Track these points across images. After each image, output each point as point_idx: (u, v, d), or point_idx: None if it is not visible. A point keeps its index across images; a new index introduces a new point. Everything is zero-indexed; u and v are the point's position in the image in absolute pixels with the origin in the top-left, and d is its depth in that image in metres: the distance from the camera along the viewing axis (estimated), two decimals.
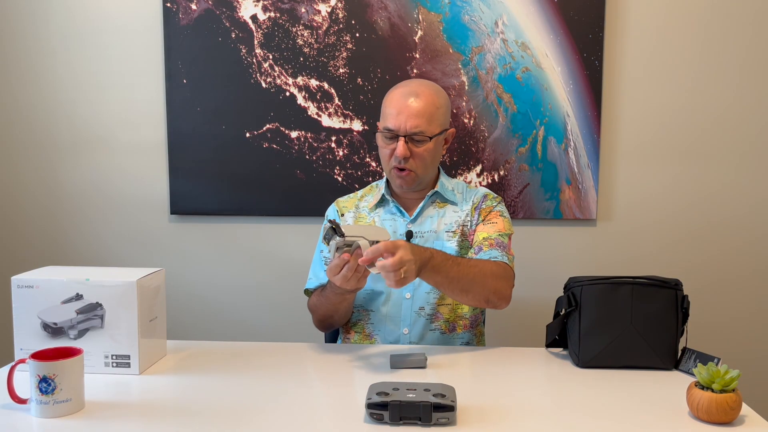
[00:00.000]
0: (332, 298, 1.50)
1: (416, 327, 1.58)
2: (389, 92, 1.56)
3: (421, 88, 1.53)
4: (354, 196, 1.70)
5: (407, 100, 1.51)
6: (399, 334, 1.59)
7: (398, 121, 1.50)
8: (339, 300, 1.50)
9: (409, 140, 1.51)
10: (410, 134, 1.50)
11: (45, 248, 2.26)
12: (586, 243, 2.20)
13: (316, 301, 1.59)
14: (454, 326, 1.60)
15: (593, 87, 2.11)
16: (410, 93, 1.52)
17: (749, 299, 2.21)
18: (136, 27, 2.17)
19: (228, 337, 2.21)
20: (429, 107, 1.51)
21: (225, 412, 1.14)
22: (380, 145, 1.57)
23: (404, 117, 1.49)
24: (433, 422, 1.07)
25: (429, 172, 1.58)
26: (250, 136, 2.17)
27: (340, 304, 1.52)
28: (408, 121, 1.49)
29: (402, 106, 1.50)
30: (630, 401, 1.20)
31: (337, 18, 2.12)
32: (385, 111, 1.55)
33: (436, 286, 1.45)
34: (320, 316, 1.60)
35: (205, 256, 2.25)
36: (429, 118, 1.51)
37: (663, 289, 1.37)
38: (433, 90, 1.55)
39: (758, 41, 2.11)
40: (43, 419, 1.11)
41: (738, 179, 2.16)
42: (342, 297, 1.48)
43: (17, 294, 1.31)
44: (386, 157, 1.55)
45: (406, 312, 1.58)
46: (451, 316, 1.59)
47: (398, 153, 1.50)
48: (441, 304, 1.58)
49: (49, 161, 2.24)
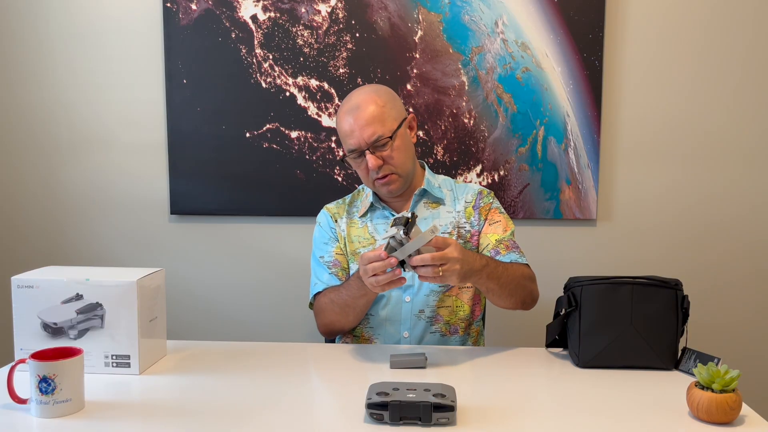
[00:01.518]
0: (354, 290, 1.47)
1: (416, 330, 1.58)
2: (337, 114, 1.58)
3: (359, 98, 1.54)
4: (343, 203, 1.70)
5: (352, 116, 1.52)
6: (399, 337, 1.59)
7: (355, 139, 1.51)
8: (360, 294, 1.46)
9: (374, 149, 1.51)
10: (371, 143, 1.51)
11: (45, 248, 2.26)
12: (586, 243, 2.20)
13: (331, 299, 1.55)
14: (454, 328, 1.60)
15: (593, 87, 2.11)
16: (351, 109, 1.53)
17: (749, 299, 2.20)
18: (136, 27, 2.17)
19: (228, 337, 2.21)
20: (374, 110, 1.51)
21: (225, 412, 1.14)
22: (354, 168, 1.59)
23: (358, 132, 1.51)
24: (433, 422, 1.07)
25: (410, 166, 1.58)
26: (250, 136, 2.17)
27: (360, 299, 1.48)
28: (363, 134, 1.50)
29: (351, 125, 1.52)
30: (630, 401, 1.20)
31: (337, 18, 2.12)
32: (341, 137, 1.56)
33: (486, 292, 1.48)
34: (331, 317, 1.56)
35: (205, 256, 2.25)
36: (380, 120, 1.51)
37: (663, 289, 1.37)
38: (370, 92, 1.55)
39: (758, 41, 2.11)
40: (43, 419, 1.11)
41: (738, 179, 2.16)
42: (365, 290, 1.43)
43: (17, 294, 1.31)
44: (364, 175, 1.57)
45: (406, 315, 1.58)
46: (451, 318, 1.59)
47: (371, 166, 1.51)
48: (441, 306, 1.58)
49: (49, 161, 2.24)
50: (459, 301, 1.60)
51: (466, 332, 1.62)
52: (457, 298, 1.59)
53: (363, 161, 1.53)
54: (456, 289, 1.59)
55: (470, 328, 1.63)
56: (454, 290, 1.59)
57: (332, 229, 1.64)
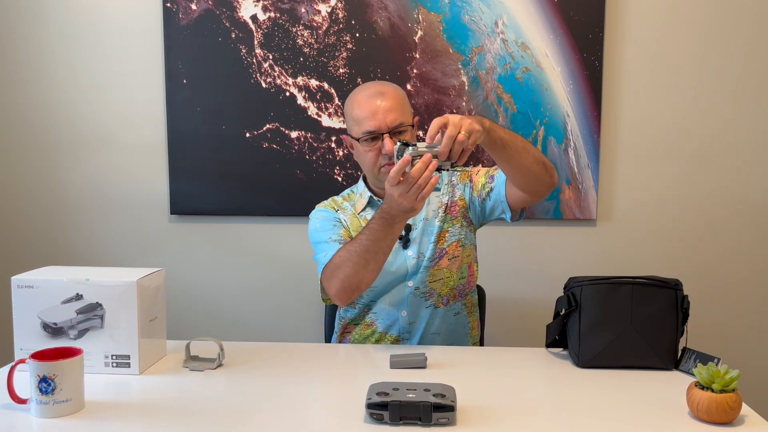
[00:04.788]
0: (378, 233, 1.40)
1: (412, 307, 1.61)
2: (351, 100, 1.58)
3: (383, 87, 1.57)
4: (332, 200, 1.71)
5: (376, 101, 1.54)
6: (398, 317, 1.61)
7: (377, 121, 1.52)
8: (384, 235, 1.40)
9: (393, 135, 1.53)
10: (392, 129, 1.53)
11: (45, 248, 2.26)
12: (586, 243, 2.20)
13: (349, 250, 1.45)
14: (446, 299, 1.63)
15: (593, 87, 2.11)
16: (375, 94, 1.55)
17: (749, 299, 2.20)
18: (136, 27, 2.17)
19: (228, 337, 2.20)
20: (398, 100, 1.55)
21: (225, 412, 1.14)
22: (362, 151, 1.57)
23: (381, 115, 1.52)
24: (433, 422, 1.07)
25: None
26: (250, 136, 2.17)
27: (383, 240, 1.41)
28: (387, 118, 1.52)
29: (374, 107, 1.53)
30: (630, 401, 1.20)
31: (337, 18, 2.12)
32: (356, 118, 1.55)
33: (503, 144, 1.40)
34: (350, 270, 1.45)
35: (205, 256, 2.25)
36: (402, 110, 1.55)
37: (663, 289, 1.37)
38: (392, 85, 1.60)
39: (758, 41, 2.11)
40: (43, 419, 1.11)
41: (738, 179, 2.16)
42: (390, 230, 1.39)
43: (17, 294, 1.31)
44: (372, 160, 1.56)
45: (406, 297, 1.61)
46: (442, 290, 1.62)
47: (388, 150, 1.51)
48: (433, 281, 1.61)
49: (49, 161, 2.24)
50: (448, 272, 1.62)
51: (461, 302, 1.65)
52: (447, 270, 1.62)
53: (376, 144, 1.54)
54: (445, 260, 1.61)
55: (465, 298, 1.66)
56: (443, 262, 1.61)
57: (336, 218, 1.66)
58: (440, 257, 1.61)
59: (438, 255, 1.61)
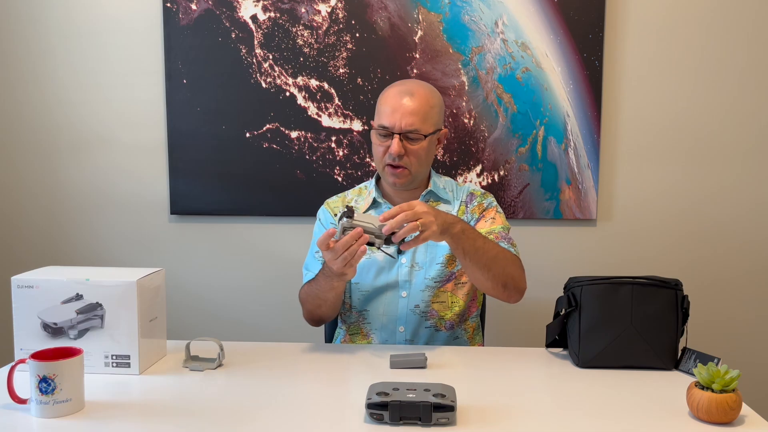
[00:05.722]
0: (322, 285, 1.48)
1: (411, 324, 1.59)
2: (385, 90, 1.58)
3: (416, 88, 1.55)
4: (343, 196, 1.71)
5: (402, 98, 1.52)
6: (395, 332, 1.59)
7: (393, 119, 1.51)
8: (327, 288, 1.47)
9: (404, 138, 1.52)
10: (405, 132, 1.51)
11: (45, 248, 2.26)
12: (586, 243, 2.20)
13: (307, 290, 1.57)
14: (449, 324, 1.60)
15: (593, 87, 2.11)
16: (405, 92, 1.53)
17: (749, 299, 2.20)
18: (136, 27, 2.17)
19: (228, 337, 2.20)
20: (424, 106, 1.52)
21: (225, 412, 1.14)
22: (374, 143, 1.58)
23: (399, 115, 1.51)
24: (433, 422, 1.07)
25: (422, 171, 1.59)
26: (250, 136, 2.17)
27: (328, 292, 1.49)
28: (403, 119, 1.51)
29: (397, 105, 1.52)
30: (630, 401, 1.20)
31: (337, 18, 2.12)
32: (380, 109, 1.56)
33: (462, 256, 1.44)
34: (309, 307, 1.58)
35: (205, 256, 2.25)
36: (424, 117, 1.52)
37: (663, 289, 1.37)
38: (428, 90, 1.57)
39: (759, 41, 2.11)
40: (43, 419, 1.11)
41: (738, 179, 2.16)
42: (330, 285, 1.46)
43: (17, 294, 1.31)
44: (380, 154, 1.56)
45: (402, 310, 1.59)
46: (445, 313, 1.60)
47: (393, 150, 1.51)
48: (435, 301, 1.59)
49: (49, 161, 2.24)
50: (455, 297, 1.60)
51: (461, 327, 1.63)
52: (452, 294, 1.60)
53: (387, 141, 1.53)
54: (452, 284, 1.60)
55: (465, 323, 1.64)
56: (449, 285, 1.59)
57: (332, 224, 1.65)
58: (448, 280, 1.59)
59: (446, 278, 1.59)
